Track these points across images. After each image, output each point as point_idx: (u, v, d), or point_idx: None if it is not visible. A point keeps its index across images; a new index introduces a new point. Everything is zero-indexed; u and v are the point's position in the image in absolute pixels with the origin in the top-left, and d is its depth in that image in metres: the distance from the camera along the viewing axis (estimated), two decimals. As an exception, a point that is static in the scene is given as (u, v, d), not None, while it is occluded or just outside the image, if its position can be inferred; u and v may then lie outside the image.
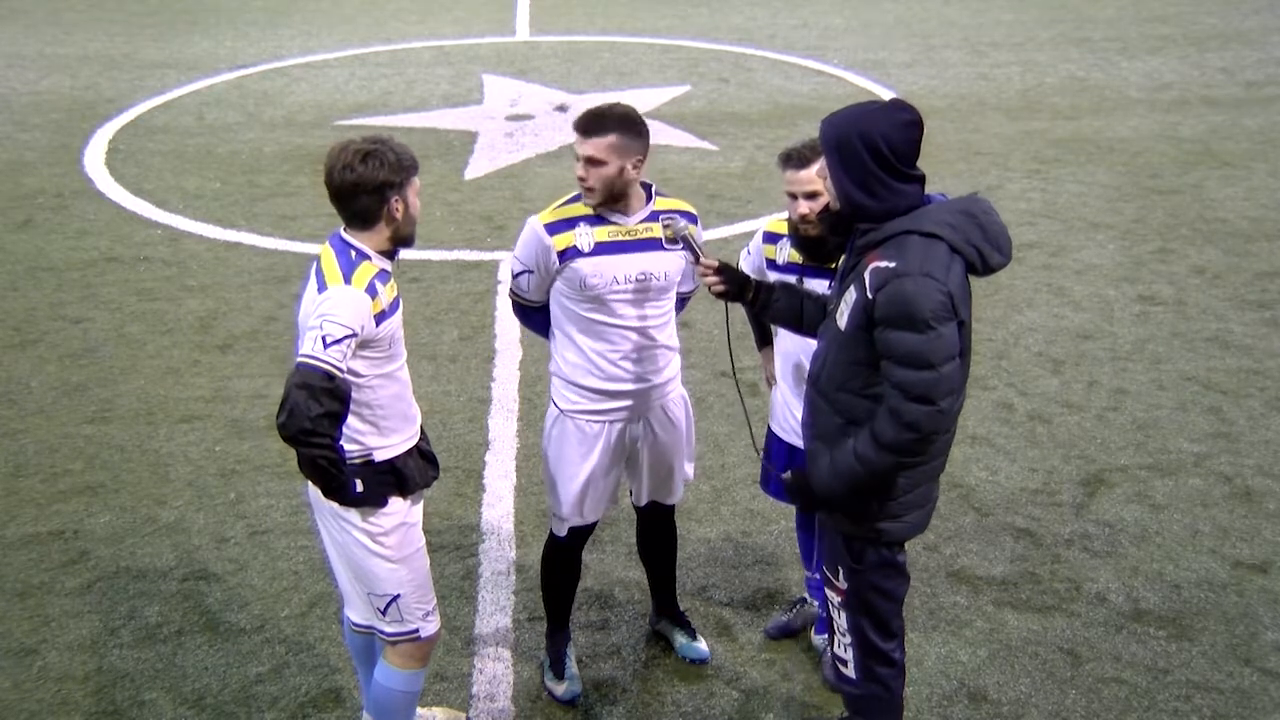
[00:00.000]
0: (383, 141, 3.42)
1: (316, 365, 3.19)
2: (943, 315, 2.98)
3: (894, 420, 3.04)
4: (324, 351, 3.20)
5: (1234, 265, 7.80)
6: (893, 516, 3.27)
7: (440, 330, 6.97)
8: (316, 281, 3.38)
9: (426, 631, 3.63)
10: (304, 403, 3.15)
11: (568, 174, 9.38)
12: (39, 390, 6.31)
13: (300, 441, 3.19)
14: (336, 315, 3.24)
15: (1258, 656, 4.37)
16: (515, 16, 16.32)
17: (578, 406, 3.89)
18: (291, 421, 3.17)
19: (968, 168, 9.81)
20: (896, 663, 3.46)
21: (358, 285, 3.31)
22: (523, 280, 3.87)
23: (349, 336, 3.24)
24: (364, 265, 3.37)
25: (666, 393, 3.97)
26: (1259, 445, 5.73)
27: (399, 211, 3.41)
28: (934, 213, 3.08)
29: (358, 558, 3.51)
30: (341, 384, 3.22)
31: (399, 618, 3.58)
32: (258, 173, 9.77)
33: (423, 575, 3.62)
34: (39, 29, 15.34)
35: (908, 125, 3.07)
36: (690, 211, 3.90)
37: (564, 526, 4.03)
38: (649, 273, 3.78)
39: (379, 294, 3.34)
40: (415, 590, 3.58)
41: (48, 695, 4.20)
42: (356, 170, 3.35)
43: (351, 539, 3.49)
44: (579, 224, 3.76)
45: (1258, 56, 13.59)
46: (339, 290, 3.29)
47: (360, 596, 3.61)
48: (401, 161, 3.39)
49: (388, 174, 3.36)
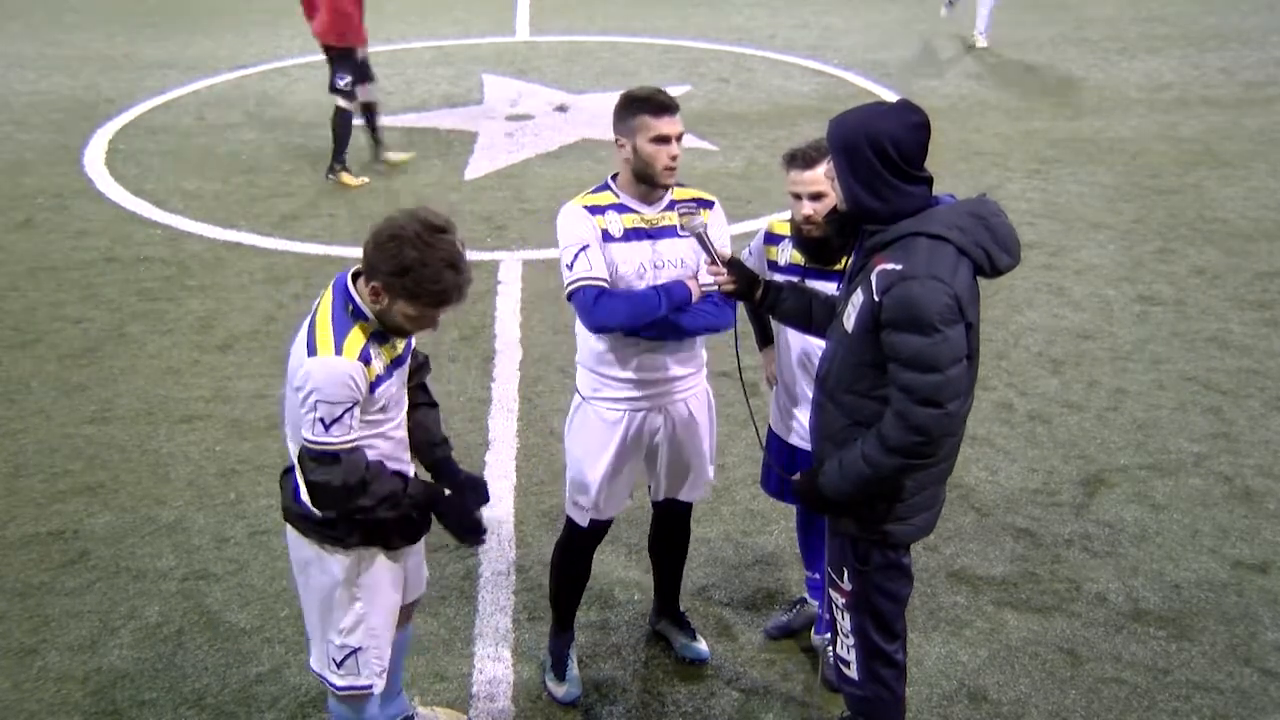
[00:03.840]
0: (428, 244, 3.03)
1: (319, 449, 3.11)
2: (949, 318, 2.98)
3: (901, 423, 3.04)
4: (325, 434, 3.09)
5: (1234, 265, 7.80)
6: (899, 519, 3.27)
7: (440, 330, 6.93)
8: (308, 336, 3.13)
9: (378, 688, 3.53)
10: (321, 488, 3.13)
11: (568, 174, 9.44)
12: (39, 390, 6.31)
13: (344, 514, 3.19)
14: (328, 394, 3.05)
15: (1258, 656, 4.37)
16: (515, 16, 16.32)
17: (599, 394, 3.89)
18: (322, 508, 3.19)
19: (968, 168, 9.81)
20: (899, 664, 3.46)
21: (349, 355, 3.07)
22: (585, 258, 3.68)
23: (348, 410, 3.09)
24: (357, 329, 3.12)
25: (689, 386, 3.96)
26: (1259, 445, 5.73)
27: (380, 304, 3.13)
28: (942, 215, 3.07)
29: (328, 605, 3.40)
30: (350, 459, 3.14)
31: (355, 671, 3.47)
32: (258, 173, 9.77)
33: (389, 631, 3.52)
34: (39, 29, 15.34)
35: (916, 127, 3.06)
36: (709, 199, 3.91)
37: (586, 516, 4.03)
38: (669, 259, 3.80)
39: (373, 360, 3.13)
40: (378, 645, 3.48)
41: (48, 695, 4.20)
42: (381, 236, 3.07)
43: (325, 586, 3.38)
44: (608, 211, 3.78)
45: (1258, 56, 13.60)
46: (327, 363, 3.06)
47: (318, 641, 3.49)
48: (413, 281, 3.03)
49: (388, 270, 3.05)
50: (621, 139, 3.75)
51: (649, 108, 3.68)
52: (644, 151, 3.69)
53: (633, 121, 3.69)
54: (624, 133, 3.73)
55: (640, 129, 3.68)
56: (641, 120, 3.67)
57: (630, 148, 3.71)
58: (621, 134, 3.75)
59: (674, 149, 3.70)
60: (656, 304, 3.71)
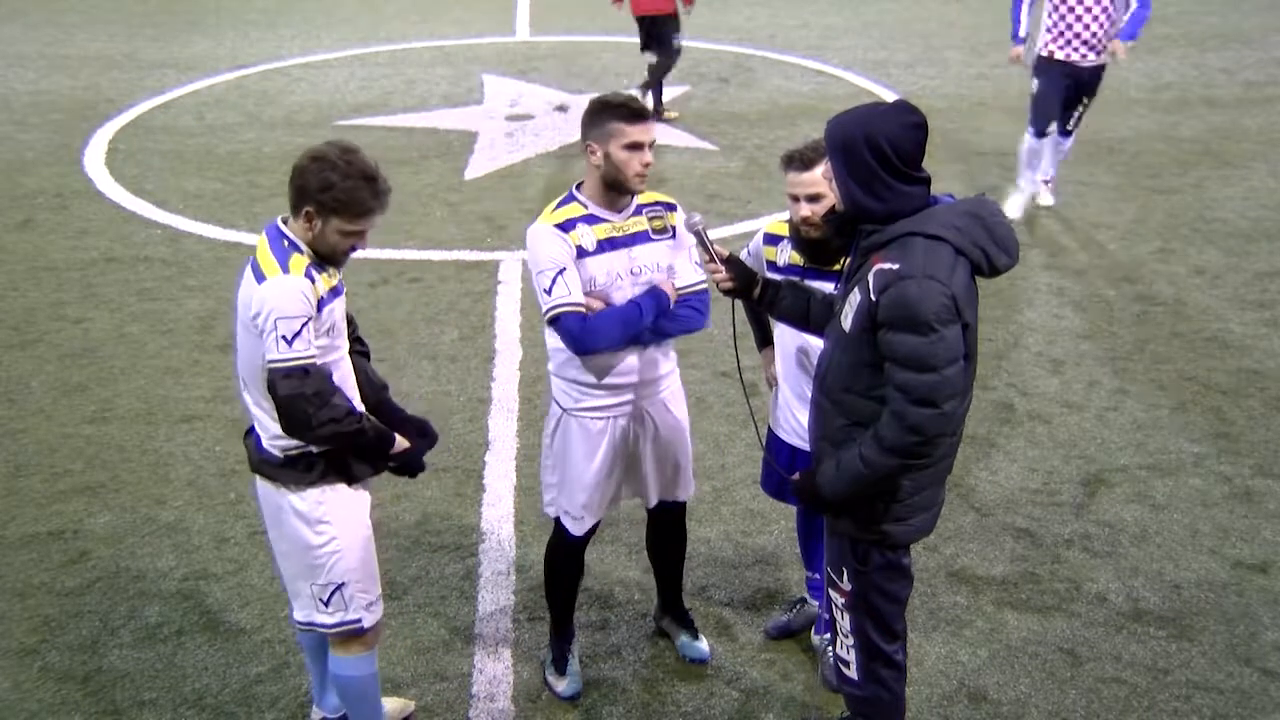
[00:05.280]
0: (348, 162, 3.32)
1: (288, 365, 3.24)
2: (946, 318, 2.98)
3: (897, 423, 3.04)
4: (289, 349, 3.24)
5: (1234, 265, 7.80)
6: (898, 519, 3.27)
7: (440, 330, 6.97)
8: (253, 271, 3.36)
9: (368, 621, 3.64)
10: (292, 401, 3.24)
11: (568, 174, 9.43)
12: (39, 390, 6.31)
13: (312, 436, 3.31)
14: (284, 309, 3.24)
15: (1258, 656, 4.37)
16: (515, 16, 16.33)
17: (581, 404, 3.89)
18: (293, 426, 3.30)
19: (968, 168, 9.81)
20: (899, 664, 3.46)
21: (295, 272, 3.29)
22: (563, 282, 3.68)
23: (304, 324, 3.26)
24: (295, 255, 3.34)
25: (667, 385, 3.98)
26: (1259, 445, 5.73)
27: (313, 229, 3.35)
28: (939, 215, 3.07)
29: (303, 546, 3.52)
30: (316, 370, 3.28)
31: (343, 606, 3.57)
32: (258, 173, 9.77)
33: (369, 565, 3.63)
34: (39, 29, 15.34)
35: (913, 127, 3.06)
36: (671, 202, 3.95)
37: (578, 524, 4.03)
38: (644, 265, 3.81)
39: (316, 280, 3.33)
40: (360, 580, 3.59)
41: (48, 695, 4.20)
42: (303, 163, 3.32)
43: (298, 527, 3.50)
44: (578, 225, 3.77)
45: (1258, 56, 13.60)
46: (278, 281, 3.27)
47: (304, 589, 3.60)
48: (339, 195, 3.29)
49: (315, 188, 3.29)
50: (593, 145, 3.73)
51: (623, 114, 3.68)
52: (617, 158, 3.69)
53: (606, 127, 3.68)
54: (596, 139, 3.72)
55: (614, 135, 3.67)
56: (615, 127, 3.67)
57: (602, 154, 3.70)
58: (593, 140, 3.73)
59: (646, 156, 3.71)
60: (639, 317, 3.74)
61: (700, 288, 3.90)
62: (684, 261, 3.90)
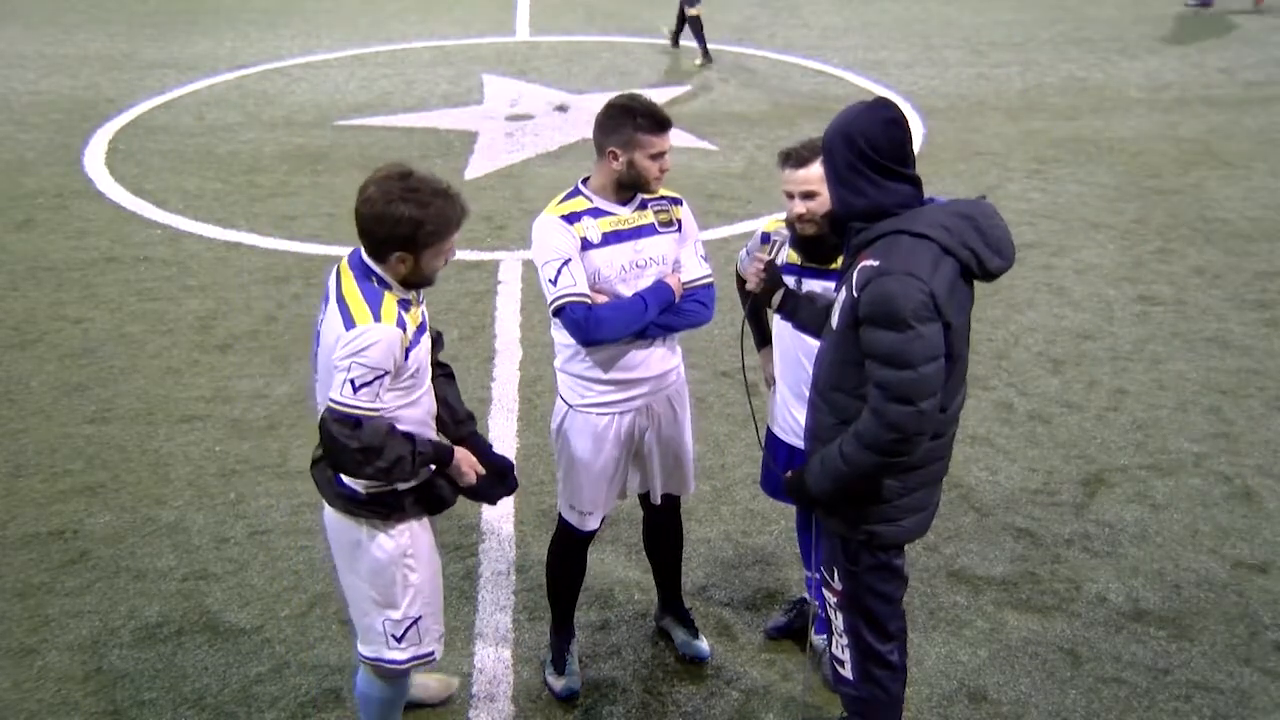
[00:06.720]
0: (416, 189, 3.19)
1: (344, 412, 3.15)
2: (924, 315, 2.97)
3: (876, 420, 3.04)
4: (353, 396, 3.14)
5: (1234, 265, 7.80)
6: (888, 520, 3.26)
7: (440, 330, 6.95)
8: (340, 312, 3.21)
9: (440, 653, 3.60)
10: (336, 446, 3.17)
11: (568, 174, 9.42)
12: (39, 390, 6.31)
13: (356, 473, 3.25)
14: (367, 357, 3.13)
15: (1258, 656, 4.36)
16: (515, 16, 16.34)
17: (587, 400, 3.89)
18: (335, 466, 3.25)
19: (968, 168, 9.81)
20: (894, 664, 3.45)
21: (387, 320, 3.16)
22: (568, 272, 3.69)
23: (379, 378, 3.16)
24: (388, 296, 3.22)
25: (671, 381, 3.99)
26: (1259, 445, 5.73)
27: (407, 267, 3.25)
28: (928, 214, 3.08)
29: (386, 582, 3.43)
30: (371, 424, 3.18)
31: (417, 640, 3.52)
32: (258, 173, 9.77)
33: (439, 596, 3.60)
34: (39, 29, 15.34)
35: (887, 123, 3.08)
36: (677, 197, 3.97)
37: (583, 520, 4.04)
38: (650, 257, 3.82)
39: (406, 326, 3.22)
40: (435, 612, 3.56)
41: (48, 695, 4.20)
42: (377, 210, 3.18)
43: (381, 563, 3.42)
44: (583, 217, 3.78)
45: (1258, 56, 13.60)
46: (370, 330, 3.14)
47: (375, 624, 3.51)
48: (431, 228, 3.19)
49: (406, 234, 3.18)
50: (615, 150, 3.72)
51: (648, 126, 3.69)
52: (640, 165, 3.71)
53: (629, 136, 3.69)
54: (619, 145, 3.71)
55: (639, 145, 3.69)
56: (641, 138, 3.69)
57: (625, 161, 3.71)
58: (615, 146, 3.72)
59: (666, 162, 3.77)
60: (644, 310, 3.75)
61: (706, 282, 3.92)
62: (690, 256, 3.91)
